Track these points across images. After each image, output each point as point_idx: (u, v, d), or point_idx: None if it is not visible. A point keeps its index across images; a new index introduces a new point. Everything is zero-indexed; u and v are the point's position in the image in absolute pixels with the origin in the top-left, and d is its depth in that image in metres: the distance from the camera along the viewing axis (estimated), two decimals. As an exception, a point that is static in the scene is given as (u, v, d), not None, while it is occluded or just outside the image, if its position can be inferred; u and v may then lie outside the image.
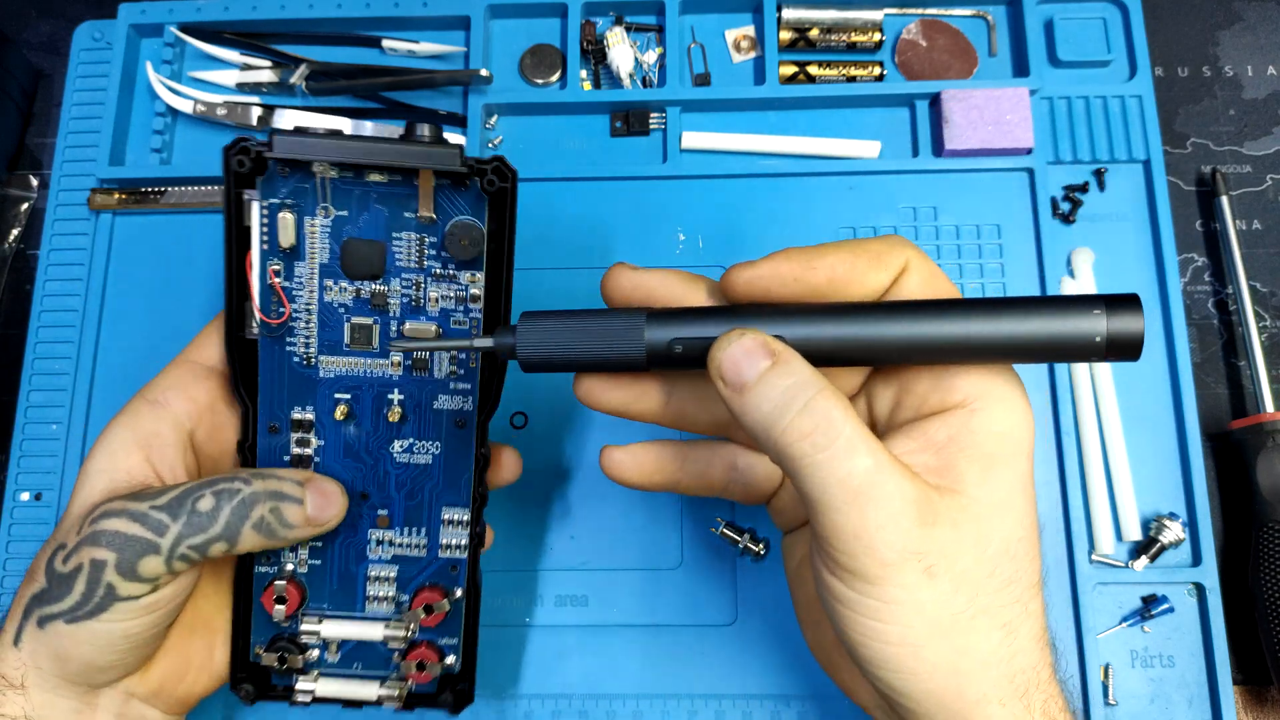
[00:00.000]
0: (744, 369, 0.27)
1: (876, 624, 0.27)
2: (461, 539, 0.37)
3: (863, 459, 0.26)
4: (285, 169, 0.33)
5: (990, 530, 0.28)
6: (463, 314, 0.35)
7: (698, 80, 0.50)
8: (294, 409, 0.35)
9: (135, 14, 0.51)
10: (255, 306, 0.34)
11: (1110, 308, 0.26)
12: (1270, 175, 0.51)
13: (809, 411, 0.27)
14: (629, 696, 0.43)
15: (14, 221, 0.53)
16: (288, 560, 0.36)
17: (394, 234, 0.35)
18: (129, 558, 0.31)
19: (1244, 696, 0.45)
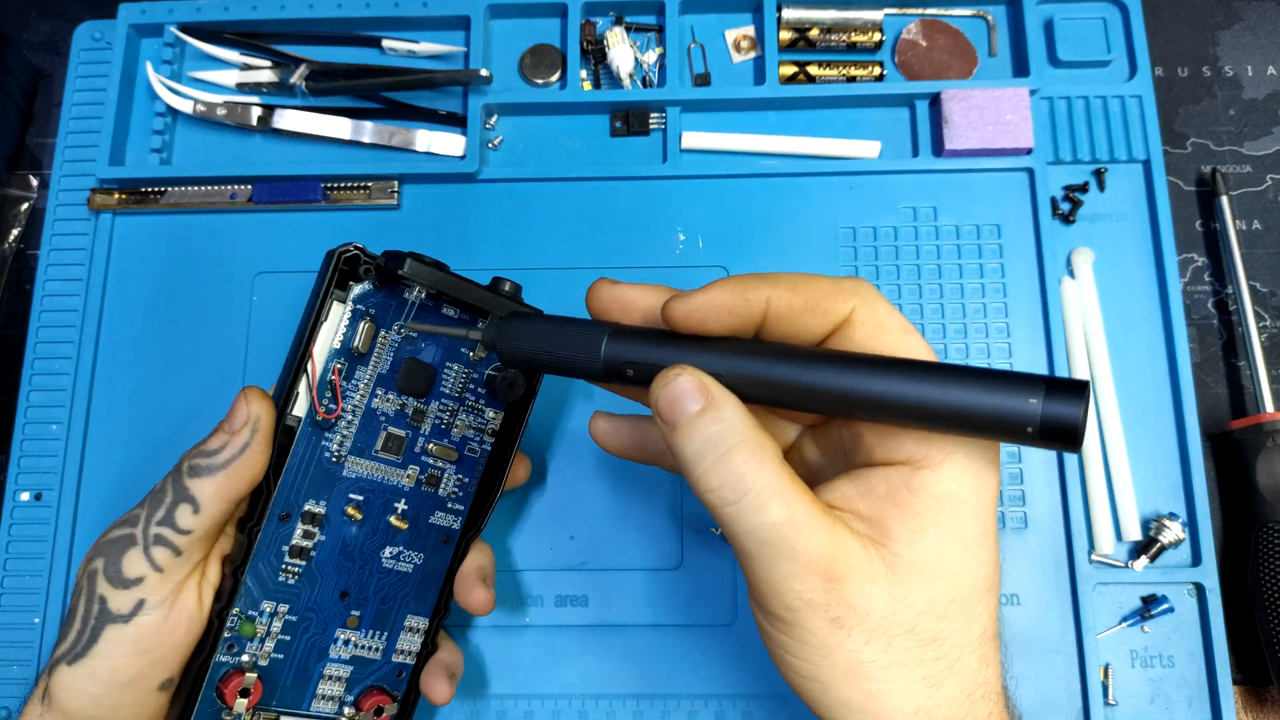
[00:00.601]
0: (676, 409, 0.28)
1: (789, 658, 0.28)
2: (415, 646, 0.39)
3: (772, 513, 0.27)
4: (382, 283, 0.36)
5: (910, 591, 0.27)
6: (477, 444, 0.39)
7: (698, 80, 0.50)
8: (309, 501, 0.36)
9: (135, 14, 0.51)
10: (314, 397, 0.35)
11: (1050, 393, 0.25)
12: (1270, 175, 0.51)
13: (722, 464, 0.27)
14: (629, 696, 0.43)
15: (14, 221, 0.53)
16: (250, 652, 0.35)
17: (447, 363, 0.38)
18: (115, 559, 0.33)
19: (1244, 696, 0.45)
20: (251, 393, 0.34)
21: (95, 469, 0.46)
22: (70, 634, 0.33)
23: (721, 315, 0.30)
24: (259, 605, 0.35)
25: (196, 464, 0.33)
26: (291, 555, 0.36)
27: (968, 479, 0.28)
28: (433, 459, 0.38)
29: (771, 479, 0.27)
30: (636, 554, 0.44)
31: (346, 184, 0.49)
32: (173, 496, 0.33)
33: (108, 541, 0.33)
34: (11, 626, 0.45)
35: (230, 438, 0.34)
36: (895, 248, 0.48)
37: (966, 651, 0.28)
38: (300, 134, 0.50)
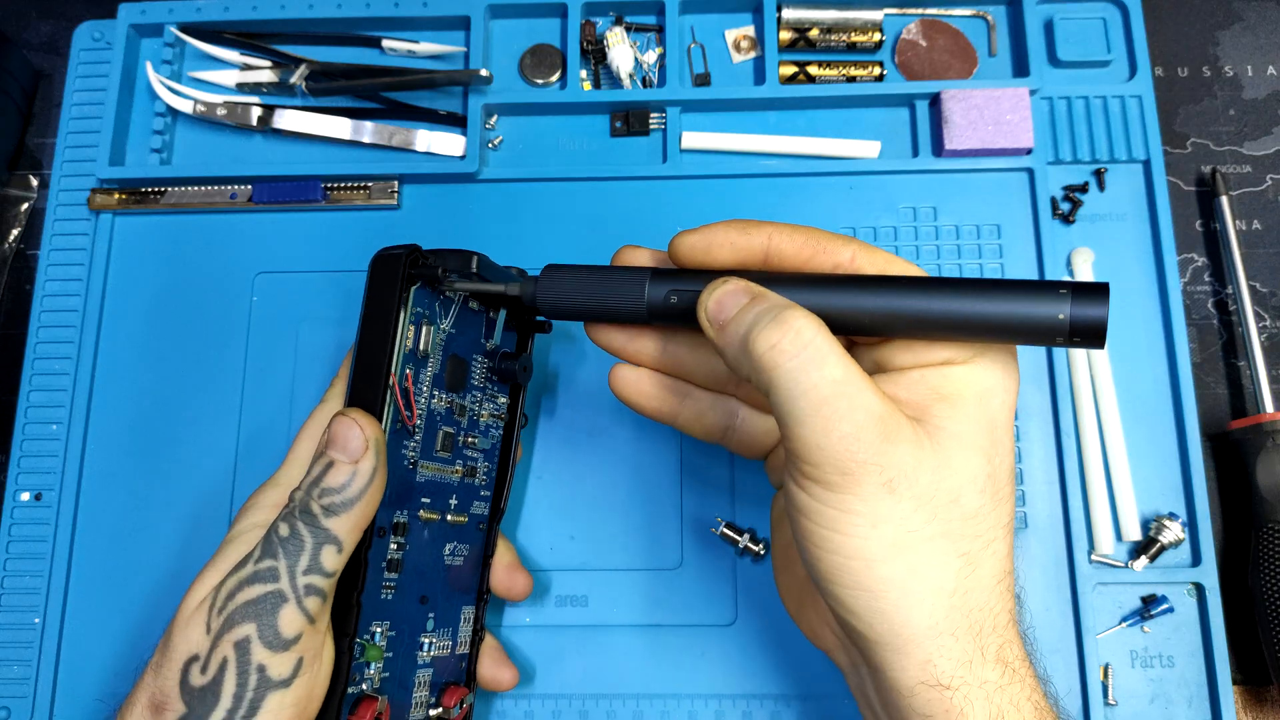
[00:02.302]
0: (725, 305, 0.30)
1: (834, 534, 0.28)
2: (468, 635, 0.39)
3: (831, 370, 0.27)
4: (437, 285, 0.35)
5: (954, 459, 0.29)
6: (495, 430, 0.41)
7: (698, 80, 0.50)
8: (396, 512, 0.35)
9: (135, 14, 0.51)
10: (400, 405, 0.34)
11: (1076, 293, 0.27)
12: (1270, 175, 0.51)
13: (779, 322, 0.28)
14: (629, 696, 0.43)
15: (14, 221, 0.53)
16: (368, 678, 0.34)
17: (473, 355, 0.38)
18: (269, 621, 0.29)
19: (1244, 696, 0.45)
20: (357, 414, 0.32)
21: (95, 469, 0.46)
22: (216, 714, 0.29)
23: (725, 247, 0.31)
24: (370, 628, 0.34)
25: (330, 503, 0.31)
26: (389, 570, 0.35)
27: (997, 370, 0.30)
28: (471, 451, 0.39)
29: (827, 339, 0.28)
30: (636, 554, 0.44)
31: (346, 184, 0.49)
32: (313, 541, 0.30)
33: (247, 603, 0.30)
34: (11, 626, 0.45)
35: (355, 466, 0.31)
36: (895, 248, 0.48)
37: (999, 535, 0.29)
38: (300, 134, 0.50)
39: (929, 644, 0.28)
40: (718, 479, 0.45)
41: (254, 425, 0.46)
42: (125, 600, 0.45)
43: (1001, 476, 0.30)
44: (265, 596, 0.30)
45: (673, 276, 0.32)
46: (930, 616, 0.28)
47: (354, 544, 0.31)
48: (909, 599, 0.28)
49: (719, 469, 0.45)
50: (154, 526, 0.45)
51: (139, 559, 0.45)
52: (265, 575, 0.30)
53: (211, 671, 0.29)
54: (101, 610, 0.45)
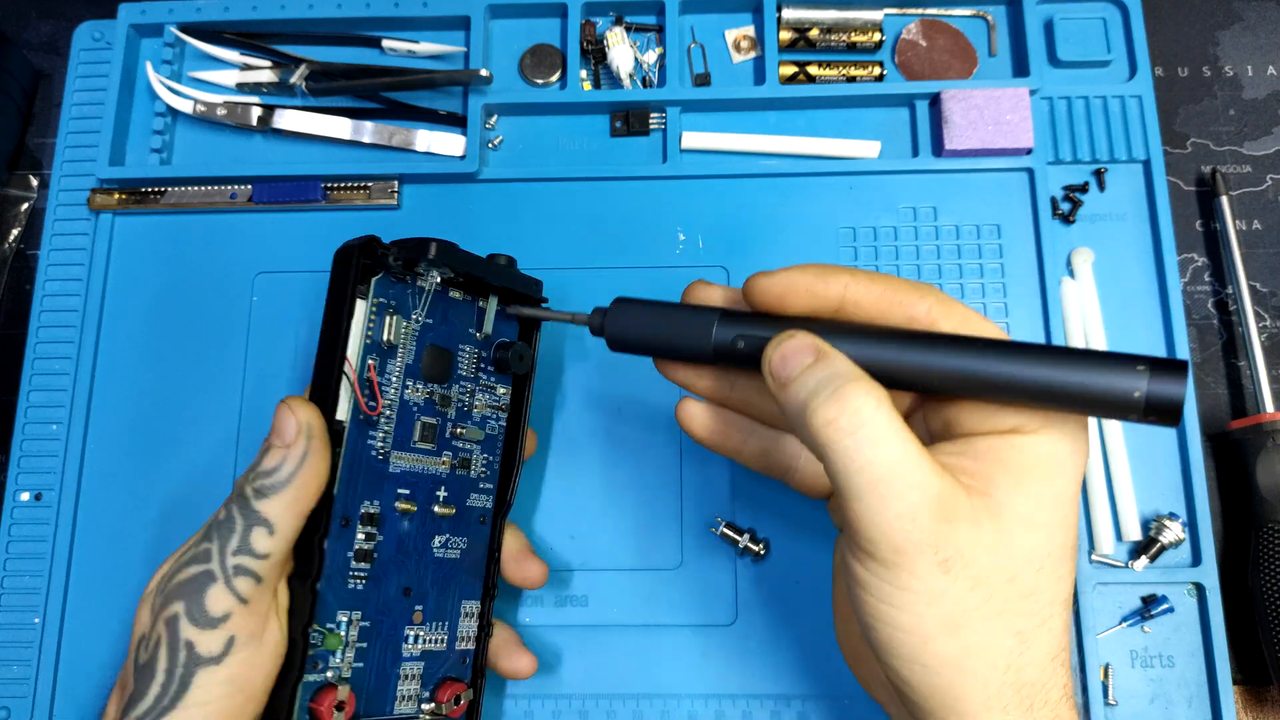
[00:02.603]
0: (789, 363, 0.29)
1: (890, 610, 0.28)
2: (472, 630, 0.39)
3: (887, 449, 0.27)
4: (405, 275, 0.36)
5: (1015, 538, 0.28)
6: (495, 421, 0.40)
7: (698, 80, 0.50)
8: (364, 502, 0.35)
9: (135, 14, 0.51)
10: (359, 395, 0.34)
11: (1154, 370, 0.27)
12: (1270, 175, 0.51)
13: (836, 398, 0.28)
14: (629, 696, 0.43)
15: (14, 221, 0.53)
16: (333, 666, 0.34)
17: (460, 345, 0.38)
18: (197, 599, 0.31)
19: (1244, 696, 0.45)
20: (294, 401, 0.33)
21: (95, 469, 0.46)
22: (152, 689, 0.30)
23: (801, 294, 0.31)
24: (335, 616, 0.34)
25: (260, 485, 0.32)
26: (357, 560, 0.35)
27: (1066, 443, 0.29)
28: (462, 442, 0.39)
29: (887, 417, 0.28)
30: (636, 554, 0.44)
31: (346, 184, 0.49)
32: (243, 523, 0.32)
33: (180, 582, 0.31)
34: (11, 626, 0.45)
35: (286, 451, 0.32)
36: (895, 248, 0.48)
37: (1054, 612, 0.29)
38: (300, 134, 0.50)
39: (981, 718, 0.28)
40: (718, 479, 0.45)
41: (254, 425, 0.46)
42: (125, 600, 0.45)
43: (1063, 554, 0.29)
44: (196, 576, 0.31)
45: (741, 320, 0.32)
46: (983, 693, 0.28)
47: (290, 527, 0.32)
48: (963, 676, 0.28)
49: (719, 469, 0.45)
50: (154, 526, 0.45)
51: (139, 559, 0.45)
52: (200, 556, 0.32)
53: (150, 649, 0.31)
54: (101, 610, 0.45)
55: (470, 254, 0.37)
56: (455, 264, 0.36)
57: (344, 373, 0.34)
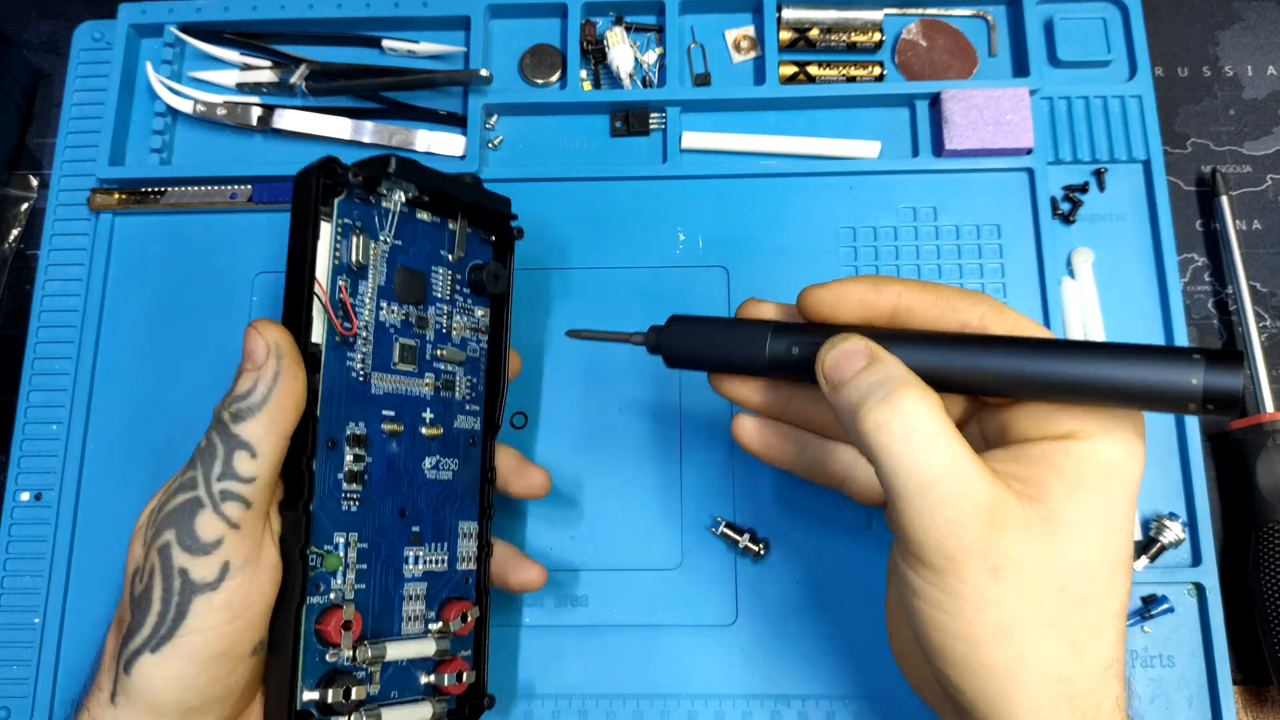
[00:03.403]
0: (842, 366, 0.29)
1: (942, 615, 0.28)
2: (472, 551, 0.39)
3: (938, 454, 0.27)
4: (369, 195, 0.36)
5: (1067, 546, 0.28)
6: (475, 343, 0.40)
7: (698, 80, 0.50)
8: (349, 424, 0.35)
9: (135, 14, 0.51)
10: (331, 313, 0.34)
11: (1210, 364, 0.26)
12: (1270, 175, 0.51)
13: (888, 402, 0.28)
14: (629, 696, 0.43)
15: (14, 221, 0.53)
16: (335, 588, 0.34)
17: (432, 266, 0.38)
18: (186, 525, 0.31)
19: (1244, 696, 0.45)
20: (261, 323, 0.33)
21: (95, 469, 0.46)
22: (149, 618, 0.30)
23: (854, 303, 0.31)
24: (331, 538, 0.34)
25: (237, 409, 0.32)
26: (348, 481, 0.35)
27: (1122, 448, 0.29)
28: (443, 364, 0.39)
29: (938, 422, 0.28)
30: (636, 554, 0.44)
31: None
32: (224, 448, 0.31)
33: (169, 511, 0.31)
34: (11, 626, 0.45)
35: (258, 373, 0.32)
36: (895, 248, 0.48)
37: (1107, 622, 0.28)
38: (300, 134, 0.50)
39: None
40: (718, 479, 0.45)
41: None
42: (125, 600, 0.45)
43: (1117, 563, 0.29)
44: (185, 504, 0.31)
45: (795, 331, 0.32)
46: (1034, 702, 0.28)
47: (272, 449, 0.32)
48: (1014, 684, 0.28)
49: (719, 469, 0.45)
50: (154, 526, 0.45)
51: (139, 559, 0.45)
52: (186, 484, 0.31)
53: (144, 579, 0.31)
54: (101, 610, 0.45)
55: (433, 170, 0.37)
56: (418, 179, 0.36)
57: (314, 294, 0.34)
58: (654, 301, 0.47)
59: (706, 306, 0.47)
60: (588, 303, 0.47)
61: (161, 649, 0.30)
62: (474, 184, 0.39)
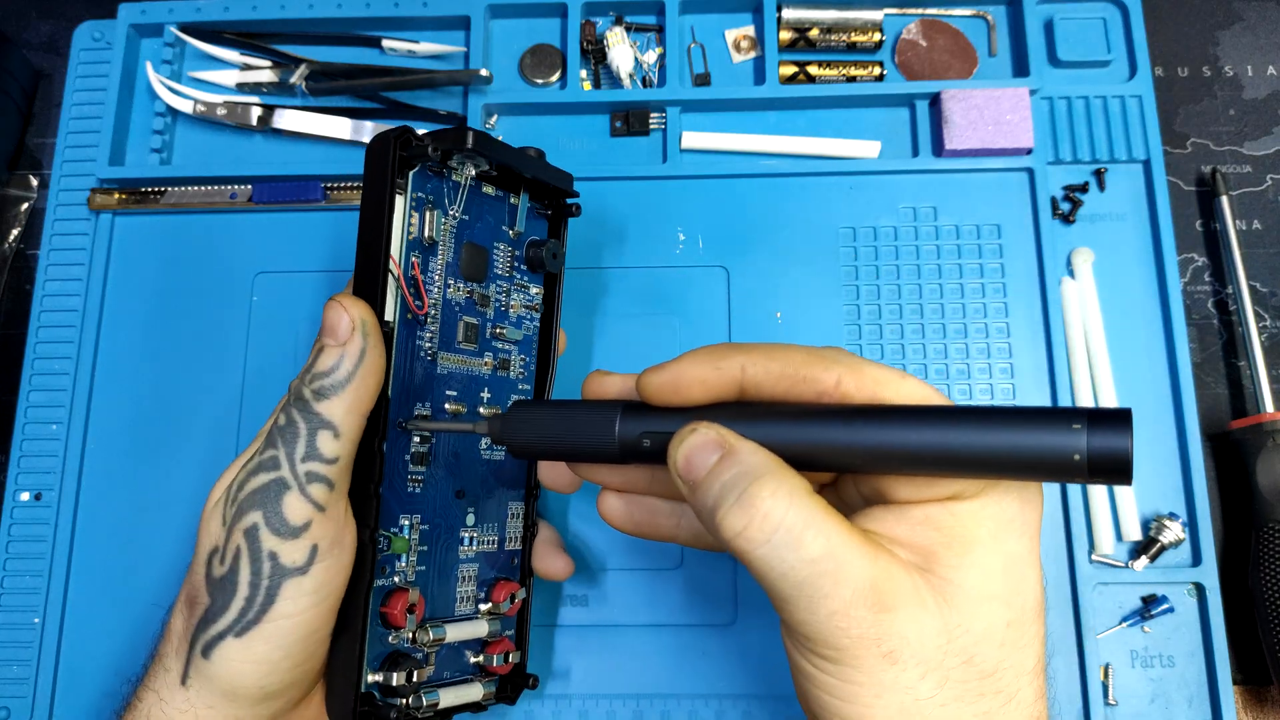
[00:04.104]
0: (694, 464, 0.27)
1: (837, 702, 0.26)
2: (519, 531, 0.39)
3: (807, 550, 0.25)
4: (441, 169, 0.35)
5: (965, 616, 0.26)
6: (530, 321, 0.40)
7: (698, 80, 0.50)
8: (417, 404, 0.35)
9: (135, 14, 0.51)
10: (405, 291, 0.33)
11: (1093, 424, 0.23)
12: (1270, 175, 0.51)
13: (745, 503, 0.25)
14: (629, 696, 0.43)
15: (14, 221, 0.53)
16: (399, 570, 0.34)
17: (495, 243, 0.37)
18: (273, 507, 0.30)
19: (1244, 696, 0.45)
20: (344, 298, 0.31)
21: (95, 469, 0.46)
22: (234, 602, 0.29)
23: (694, 385, 0.29)
24: (398, 520, 0.34)
25: (320, 387, 0.30)
26: (414, 463, 0.35)
27: (1010, 502, 0.27)
28: (501, 343, 0.38)
29: (802, 512, 0.25)
30: (636, 554, 0.44)
31: (346, 184, 0.49)
32: (307, 426, 0.30)
33: (252, 491, 0.30)
34: (11, 626, 0.45)
35: (343, 349, 0.31)
36: (895, 248, 0.48)
37: (1024, 683, 0.27)
38: (300, 134, 0.50)
39: None
40: (718, 479, 0.45)
41: (254, 425, 0.46)
42: (125, 600, 0.45)
43: (1025, 620, 0.27)
44: (269, 484, 0.30)
45: (647, 413, 0.29)
46: None
47: (354, 429, 0.31)
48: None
49: (719, 469, 0.45)
50: (154, 526, 0.45)
51: (139, 559, 0.45)
52: (268, 464, 0.30)
53: (229, 561, 0.30)
54: (101, 610, 0.45)
55: (504, 144, 0.36)
56: (491, 154, 0.35)
57: (389, 270, 0.33)
58: (654, 301, 0.47)
59: (706, 306, 0.47)
60: (588, 303, 0.47)
61: (247, 634, 0.30)
62: (538, 158, 0.38)
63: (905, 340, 0.46)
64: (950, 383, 0.46)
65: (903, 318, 0.47)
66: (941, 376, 0.46)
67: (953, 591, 0.26)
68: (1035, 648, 0.27)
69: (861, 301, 0.47)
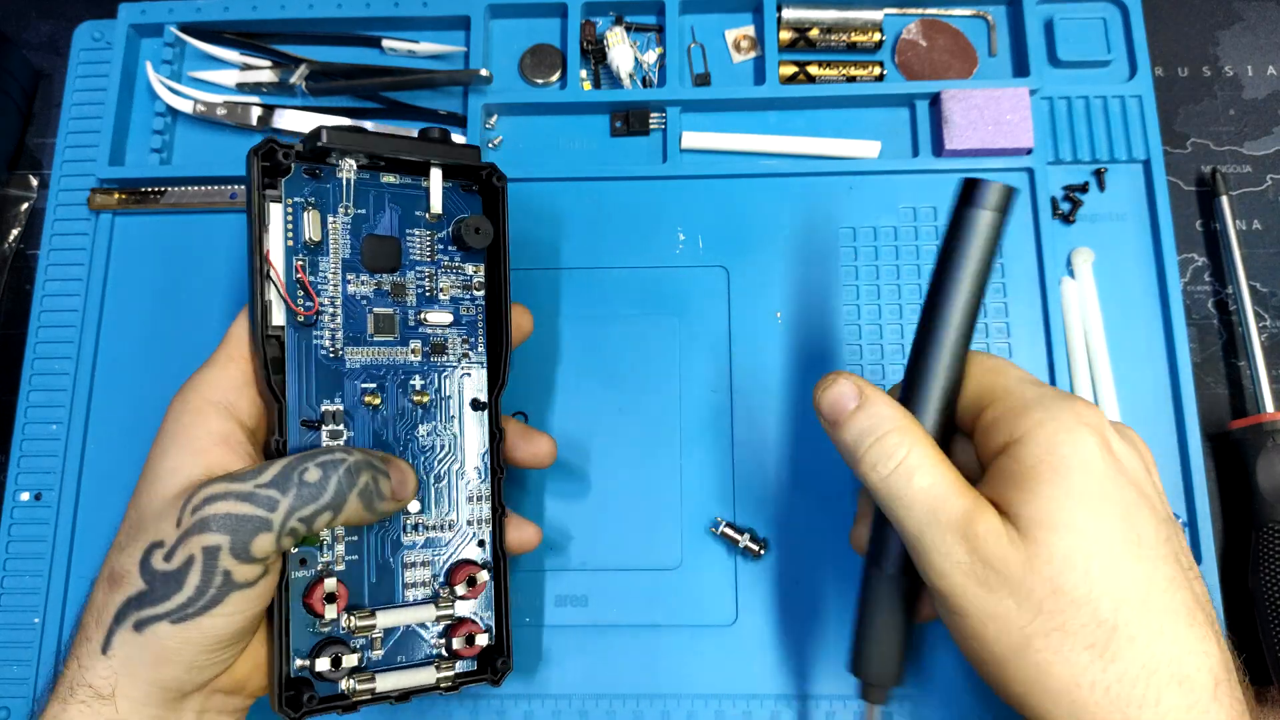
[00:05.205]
0: (837, 407, 0.32)
1: (966, 642, 0.30)
2: (484, 514, 0.39)
3: (918, 480, 0.30)
4: (316, 170, 0.35)
5: (1042, 546, 0.28)
6: (469, 301, 0.39)
7: (698, 80, 0.50)
8: (324, 401, 0.35)
9: (135, 14, 0.51)
10: (285, 296, 0.34)
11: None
12: (1270, 175, 0.51)
13: (878, 446, 0.31)
14: (629, 696, 0.43)
15: (14, 221, 0.53)
16: (325, 561, 0.35)
17: (407, 230, 0.37)
18: (242, 539, 0.31)
19: (1244, 696, 0.45)
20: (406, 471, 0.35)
21: (95, 469, 0.46)
22: (175, 597, 0.31)
23: None
24: None
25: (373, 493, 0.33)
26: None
27: (1059, 440, 0.29)
28: (430, 328, 0.38)
29: (920, 455, 0.30)
30: (636, 554, 0.44)
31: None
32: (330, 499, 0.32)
33: (224, 516, 0.31)
34: (11, 626, 0.45)
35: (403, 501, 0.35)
36: (895, 248, 0.48)
37: (1134, 618, 0.27)
38: (300, 134, 0.50)
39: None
40: (718, 479, 0.45)
41: (254, 425, 0.46)
42: (125, 600, 0.45)
43: (1116, 551, 0.28)
44: (250, 518, 0.31)
45: None
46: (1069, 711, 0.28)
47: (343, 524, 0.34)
48: (1044, 697, 0.28)
49: (719, 469, 0.45)
50: (154, 526, 0.45)
51: (139, 559, 0.45)
52: (262, 501, 0.31)
53: (176, 562, 0.31)
54: (101, 610, 0.45)
55: (380, 133, 0.36)
56: (360, 146, 0.35)
57: (269, 278, 0.34)
58: (654, 301, 0.47)
59: (707, 306, 0.47)
60: (588, 303, 0.47)
61: (185, 623, 0.31)
62: (440, 139, 0.37)
63: (905, 340, 0.46)
64: (950, 383, 0.46)
65: (903, 318, 0.47)
66: (941, 376, 0.46)
67: (1023, 524, 0.29)
68: (1141, 586, 0.28)
69: (861, 301, 0.47)
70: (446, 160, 0.37)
